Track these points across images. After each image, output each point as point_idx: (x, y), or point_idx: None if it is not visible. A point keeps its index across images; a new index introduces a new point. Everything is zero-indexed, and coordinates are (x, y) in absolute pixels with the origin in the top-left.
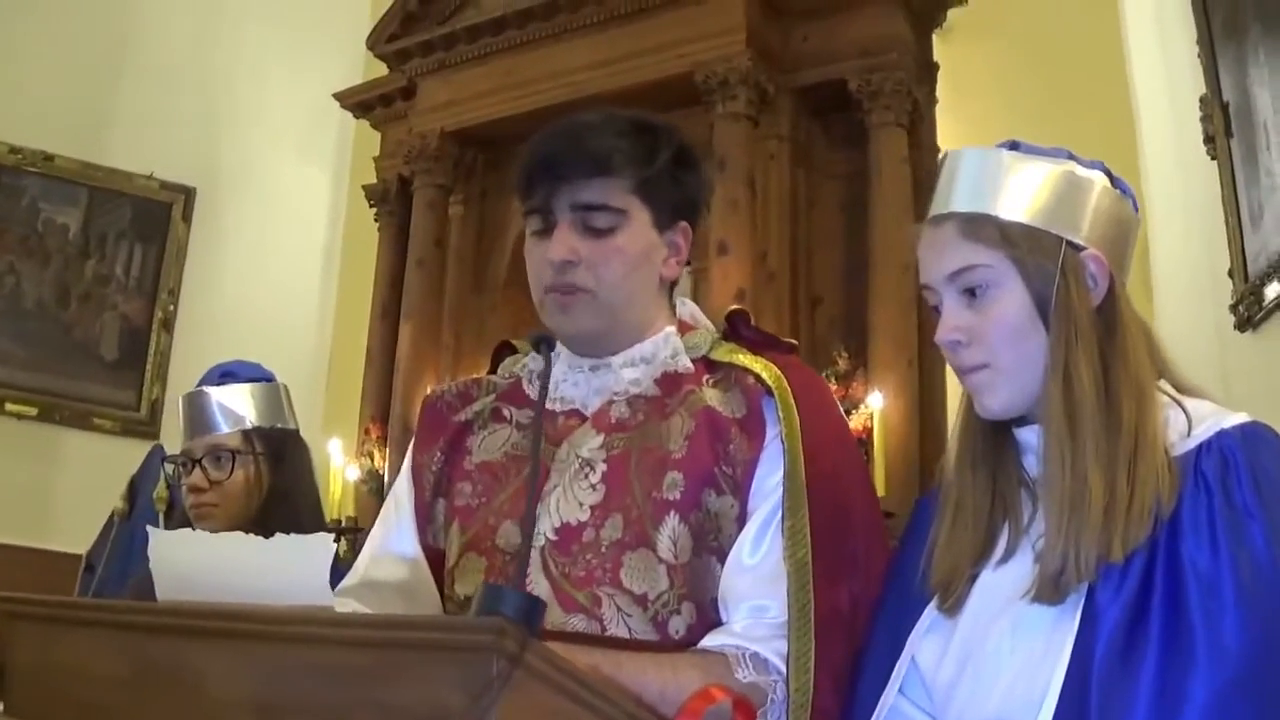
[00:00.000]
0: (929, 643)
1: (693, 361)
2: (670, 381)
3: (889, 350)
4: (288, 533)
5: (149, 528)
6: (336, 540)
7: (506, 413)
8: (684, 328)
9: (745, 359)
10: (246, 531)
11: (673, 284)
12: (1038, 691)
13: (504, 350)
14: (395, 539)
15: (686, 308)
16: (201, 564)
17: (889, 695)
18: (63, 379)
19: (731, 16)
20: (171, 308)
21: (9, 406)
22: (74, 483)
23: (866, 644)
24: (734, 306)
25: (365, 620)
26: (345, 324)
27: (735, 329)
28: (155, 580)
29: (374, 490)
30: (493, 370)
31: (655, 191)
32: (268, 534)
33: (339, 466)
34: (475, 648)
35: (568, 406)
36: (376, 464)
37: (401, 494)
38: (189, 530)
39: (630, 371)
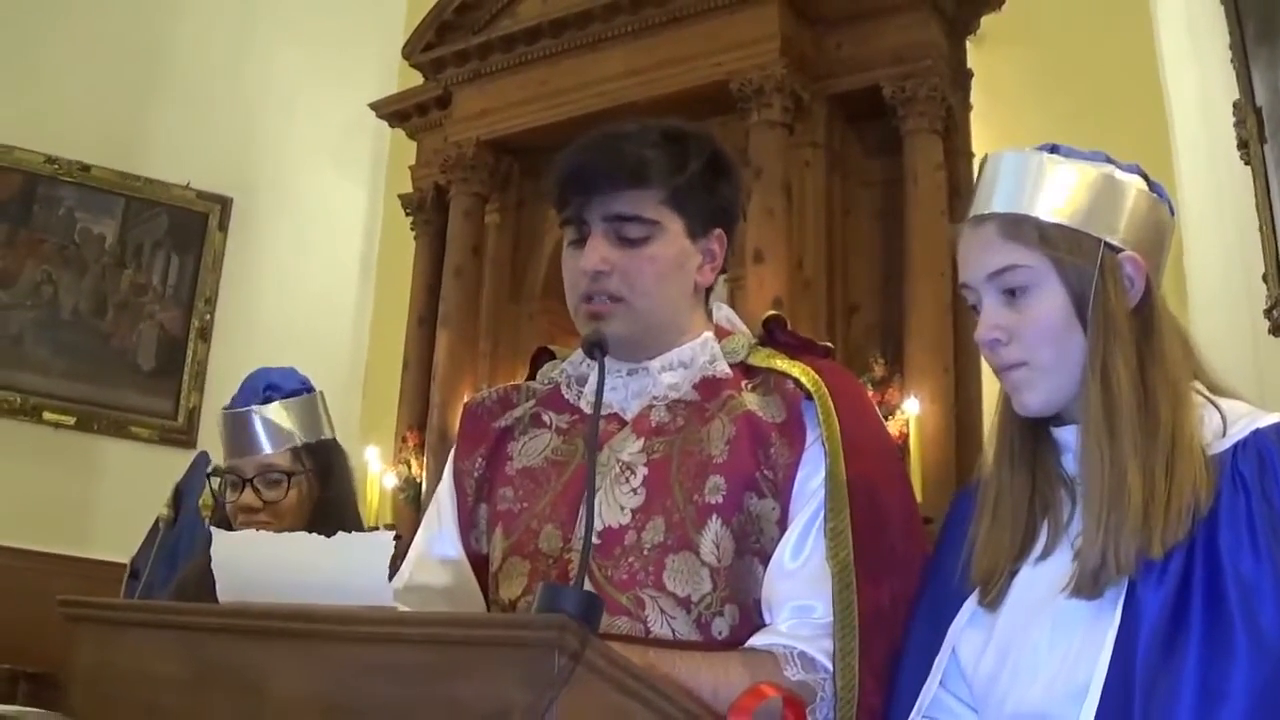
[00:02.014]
0: (969, 636)
1: (731, 367)
2: (709, 386)
3: (925, 356)
4: None
5: (213, 529)
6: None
7: (546, 418)
8: (721, 333)
9: (783, 364)
10: None
11: (709, 290)
12: (1080, 684)
13: (542, 356)
14: (439, 544)
15: (723, 313)
16: (263, 564)
17: (930, 686)
18: (100, 388)
19: (766, 25)
20: (208, 317)
21: (47, 415)
22: (112, 491)
23: (907, 637)
24: (771, 312)
25: (429, 618)
26: (381, 332)
27: (772, 334)
28: (218, 581)
29: (411, 498)
30: (531, 376)
31: (687, 201)
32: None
33: (376, 474)
34: (538, 644)
35: (606, 411)
36: (414, 471)
37: (444, 500)
38: (251, 531)
39: (669, 376)
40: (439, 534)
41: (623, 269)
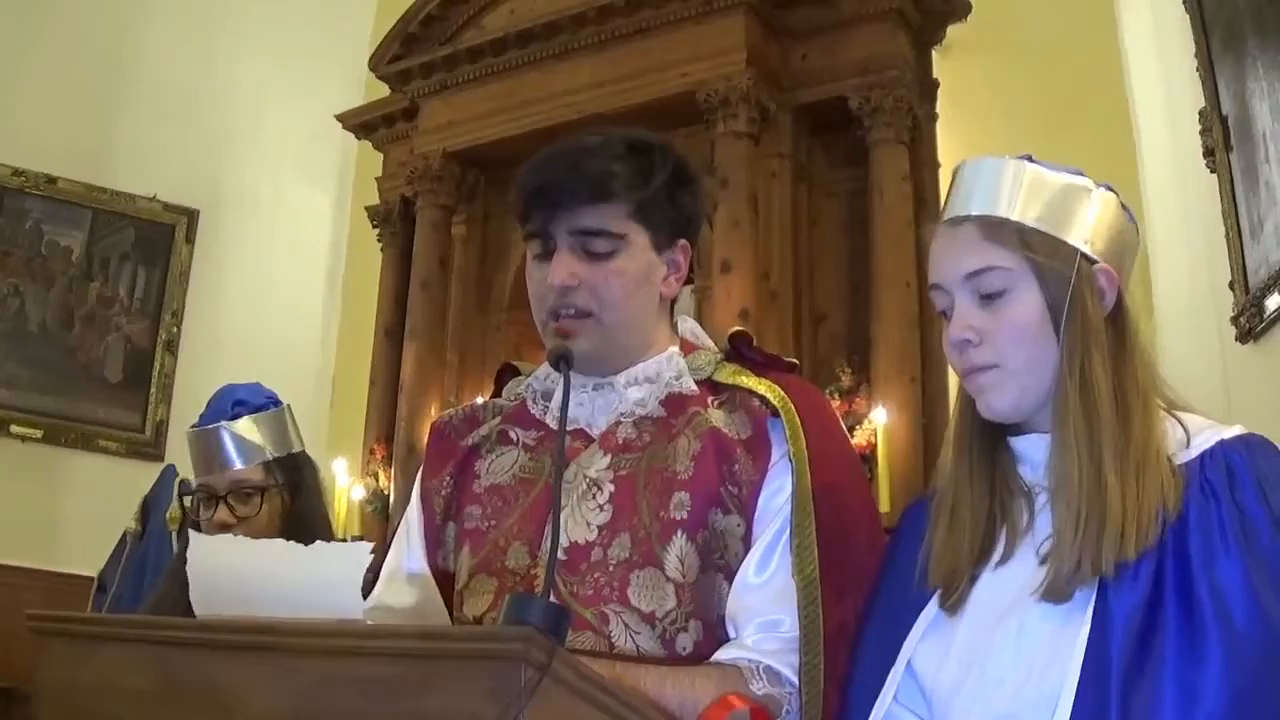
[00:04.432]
0: (927, 646)
1: (697, 383)
2: (675, 403)
3: (892, 366)
4: None
5: (191, 532)
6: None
7: (513, 435)
8: (686, 347)
9: (749, 381)
10: None
11: (673, 301)
12: (1049, 689)
13: (507, 373)
14: (407, 563)
15: (687, 325)
16: (239, 570)
17: (884, 700)
18: (67, 401)
19: (732, 36)
20: (175, 329)
21: (14, 429)
22: (79, 504)
23: (857, 651)
24: (736, 328)
25: (397, 631)
26: (348, 344)
27: (738, 350)
28: (191, 585)
29: (379, 510)
30: (496, 393)
31: (652, 213)
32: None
33: (344, 486)
34: (505, 656)
35: (573, 427)
36: (381, 484)
37: (412, 519)
38: (229, 535)
39: (635, 391)
40: (406, 554)
41: (591, 283)
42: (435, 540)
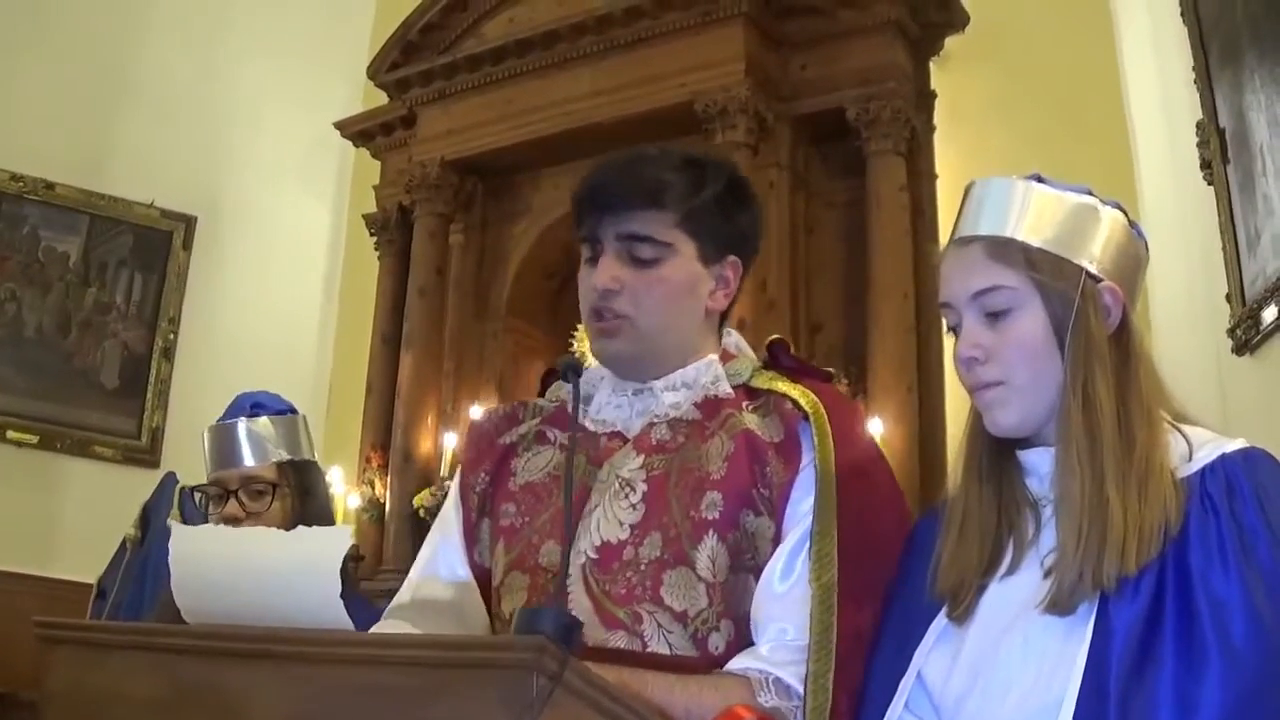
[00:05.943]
0: (937, 656)
1: (734, 388)
2: (710, 405)
3: (889, 376)
4: None
5: (171, 523)
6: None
7: (550, 435)
8: (726, 356)
9: (784, 386)
10: None
11: (722, 316)
12: (1052, 700)
13: (552, 375)
14: (444, 559)
15: (731, 338)
16: (220, 556)
17: (895, 709)
18: (64, 407)
19: (731, 46)
20: (172, 336)
21: (10, 434)
22: (75, 511)
23: (871, 661)
24: (775, 336)
25: (407, 640)
26: (345, 352)
27: (775, 357)
28: (173, 574)
29: (375, 518)
30: (541, 394)
31: (701, 225)
32: None
33: (340, 494)
34: (516, 666)
35: (609, 429)
36: (377, 492)
37: (449, 515)
38: (210, 525)
39: (671, 395)
40: (443, 549)
41: (632, 288)
42: (472, 537)
